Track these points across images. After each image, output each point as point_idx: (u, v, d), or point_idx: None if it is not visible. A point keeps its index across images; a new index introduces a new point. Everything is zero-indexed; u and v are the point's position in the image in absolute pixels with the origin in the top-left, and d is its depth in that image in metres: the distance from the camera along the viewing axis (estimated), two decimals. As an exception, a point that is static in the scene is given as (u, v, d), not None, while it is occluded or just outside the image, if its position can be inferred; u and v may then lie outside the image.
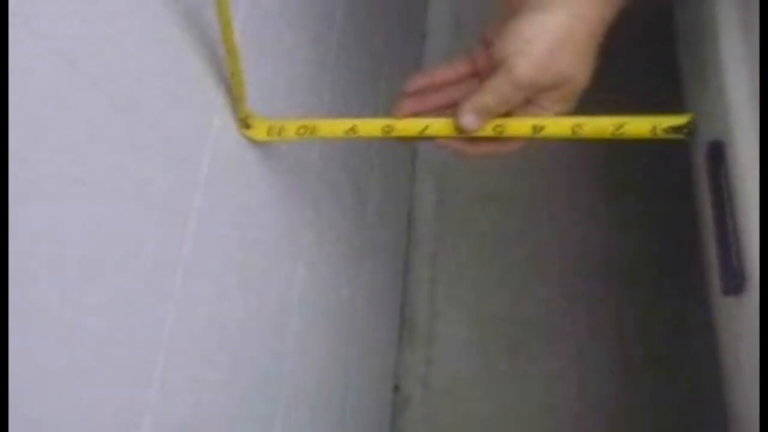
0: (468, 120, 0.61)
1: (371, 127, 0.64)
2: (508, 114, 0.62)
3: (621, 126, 0.59)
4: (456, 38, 1.55)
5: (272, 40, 0.71)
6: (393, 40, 1.27)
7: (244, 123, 0.63)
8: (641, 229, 1.34)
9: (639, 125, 0.59)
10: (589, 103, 0.62)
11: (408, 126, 0.63)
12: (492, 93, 0.60)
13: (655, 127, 0.59)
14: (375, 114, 1.09)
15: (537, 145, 0.64)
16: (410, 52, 1.49)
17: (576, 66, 0.59)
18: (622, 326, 1.29)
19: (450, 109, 0.64)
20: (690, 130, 0.59)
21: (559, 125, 0.61)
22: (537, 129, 0.61)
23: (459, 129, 0.62)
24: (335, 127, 0.64)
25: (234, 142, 0.63)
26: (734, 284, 0.61)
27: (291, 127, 0.64)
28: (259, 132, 0.64)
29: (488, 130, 0.62)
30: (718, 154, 0.67)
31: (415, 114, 0.64)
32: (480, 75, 0.65)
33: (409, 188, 1.46)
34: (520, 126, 0.61)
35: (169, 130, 0.52)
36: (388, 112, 0.65)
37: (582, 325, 1.31)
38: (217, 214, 0.59)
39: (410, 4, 1.51)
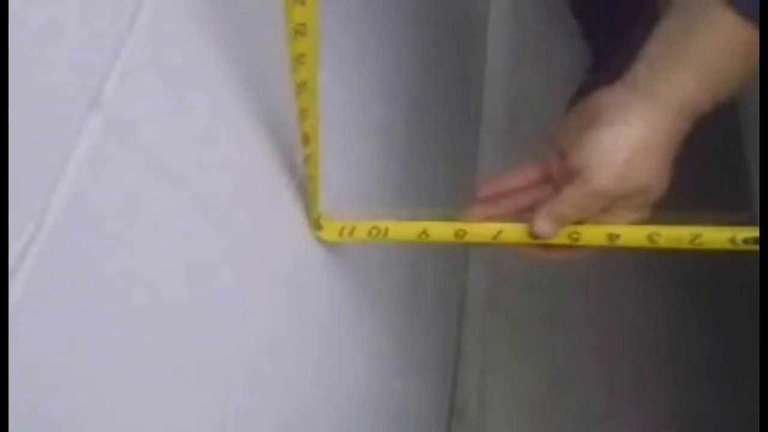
0: (543, 227, 0.61)
1: (443, 230, 0.63)
2: (582, 221, 0.61)
3: (698, 236, 0.59)
4: (510, 126, 1.57)
5: (343, 143, 0.72)
6: (449, 128, 1.28)
7: (317, 224, 0.64)
8: (704, 333, 1.31)
9: (717, 235, 0.59)
10: (664, 208, 0.61)
11: (481, 231, 0.63)
12: (569, 202, 0.60)
13: (734, 238, 0.58)
14: (432, 203, 1.10)
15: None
16: (466, 140, 1.50)
17: (653, 176, 0.59)
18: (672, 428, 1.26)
19: (520, 214, 0.64)
20: (769, 241, 0.58)
21: (634, 234, 0.60)
22: (612, 237, 0.60)
23: (533, 235, 0.62)
24: (407, 229, 0.64)
25: (301, 242, 0.63)
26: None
27: (362, 228, 0.64)
28: (330, 233, 0.65)
29: (563, 237, 0.61)
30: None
31: (487, 219, 0.64)
32: (552, 181, 0.65)
33: (462, 276, 1.46)
34: (595, 234, 0.61)
35: (248, 234, 0.53)
36: (446, 202, 0.65)
37: (633, 424, 1.28)
38: (279, 313, 0.59)
39: (466, 93, 1.53)
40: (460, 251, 1.47)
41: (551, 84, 1.54)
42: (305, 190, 0.61)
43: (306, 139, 0.54)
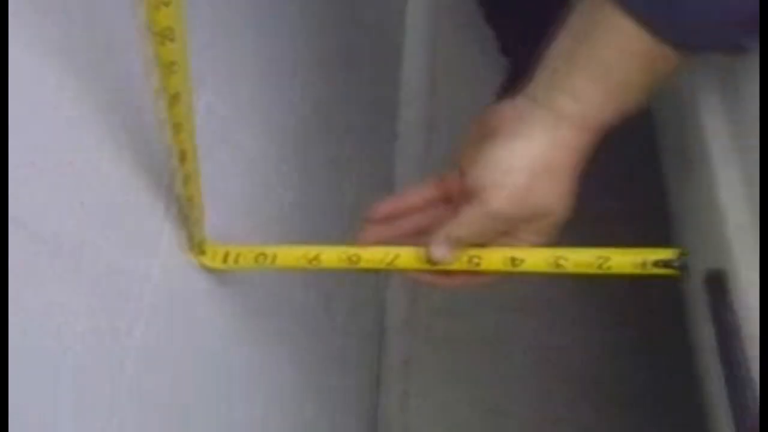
0: (440, 252, 0.56)
1: (336, 256, 0.58)
2: (483, 244, 0.57)
3: (606, 260, 0.55)
4: (428, 142, 1.52)
5: (228, 157, 0.66)
6: (359, 145, 1.23)
7: (199, 249, 0.58)
8: (635, 357, 1.28)
9: (625, 259, 0.55)
10: (573, 230, 0.57)
11: (375, 256, 0.58)
12: (466, 225, 0.55)
13: (644, 261, 0.54)
14: (342, 229, 1.04)
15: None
16: (379, 159, 1.46)
17: (554, 197, 0.55)
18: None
19: (419, 236, 0.60)
20: (682, 264, 0.54)
21: (538, 258, 0.56)
22: (516, 262, 0.56)
23: (430, 261, 0.57)
24: (297, 255, 0.59)
25: (181, 271, 0.58)
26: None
27: (248, 255, 0.59)
28: (214, 259, 0.59)
29: (463, 262, 0.57)
30: (718, 284, 0.61)
31: (382, 242, 0.59)
32: (452, 201, 0.61)
33: (380, 296, 1.41)
34: (496, 258, 0.57)
35: (111, 265, 0.47)
36: (354, 227, 0.60)
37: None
38: (160, 348, 0.53)
39: (380, 107, 1.48)
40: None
41: (471, 101, 1.50)
42: (184, 214, 0.56)
43: (182, 157, 0.49)
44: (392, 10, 1.60)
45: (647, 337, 1.28)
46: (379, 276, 1.38)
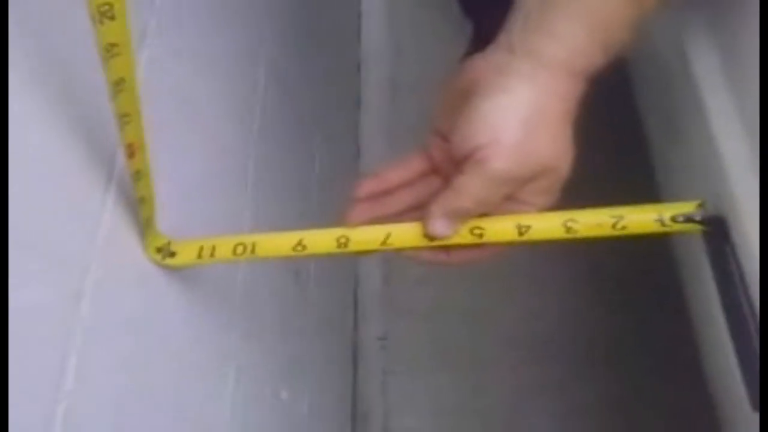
0: (439, 226, 0.51)
1: (323, 240, 0.53)
2: (485, 214, 0.52)
3: (620, 219, 0.50)
4: (392, 103, 1.47)
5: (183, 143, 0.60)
6: (325, 109, 1.18)
7: (167, 252, 0.52)
8: (610, 318, 1.25)
9: (641, 217, 0.50)
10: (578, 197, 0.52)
11: (366, 236, 0.53)
12: (465, 193, 0.49)
13: (661, 218, 0.50)
14: (309, 202, 0.99)
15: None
16: (345, 121, 1.40)
17: (556, 149, 0.50)
18: (596, 418, 1.19)
19: (411, 213, 0.54)
20: (704, 217, 0.50)
21: (547, 223, 0.51)
22: (522, 230, 0.51)
23: (429, 236, 0.52)
24: (279, 242, 0.53)
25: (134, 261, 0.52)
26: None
27: (225, 246, 0.53)
28: (187, 256, 0.53)
29: (465, 234, 0.52)
30: (719, 232, 0.57)
31: (371, 221, 0.54)
32: (440, 171, 0.56)
33: (354, 272, 1.36)
34: (502, 227, 0.51)
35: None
36: (322, 200, 0.55)
37: (549, 418, 1.22)
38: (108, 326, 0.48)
39: (342, 71, 1.42)
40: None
41: (433, 62, 1.45)
42: (138, 215, 0.50)
43: (131, 152, 0.43)
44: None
45: (621, 297, 1.25)
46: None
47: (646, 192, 0.73)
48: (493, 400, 1.25)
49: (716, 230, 0.54)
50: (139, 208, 0.49)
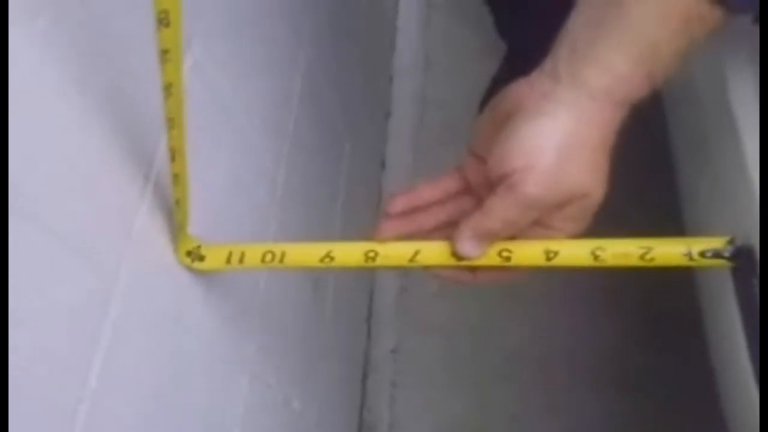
0: (468, 247, 0.51)
1: (351, 253, 0.53)
2: (514, 237, 0.52)
3: (649, 250, 0.50)
4: (421, 118, 1.47)
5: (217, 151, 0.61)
6: (355, 120, 1.18)
7: (196, 255, 0.53)
8: (628, 336, 1.25)
9: (669, 250, 0.50)
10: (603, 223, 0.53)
11: (395, 252, 0.53)
12: (495, 216, 0.50)
13: (689, 252, 0.50)
14: (333, 212, 0.99)
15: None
16: (374, 132, 1.41)
17: (589, 177, 0.50)
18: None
19: (440, 231, 0.55)
20: (733, 253, 0.50)
21: (575, 250, 0.51)
22: (550, 255, 0.51)
23: (457, 256, 0.52)
24: (308, 253, 0.54)
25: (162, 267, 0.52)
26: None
27: (254, 253, 0.54)
28: (215, 261, 0.54)
29: (492, 257, 0.52)
30: (746, 261, 0.57)
31: (401, 237, 0.54)
32: (473, 192, 0.56)
33: (369, 283, 1.36)
34: (529, 251, 0.52)
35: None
36: (347, 211, 0.55)
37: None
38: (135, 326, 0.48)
39: (374, 84, 1.43)
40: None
41: (464, 77, 1.46)
42: (172, 218, 0.50)
43: (172, 155, 0.44)
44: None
45: (640, 322, 1.25)
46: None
47: (673, 219, 0.73)
48: (499, 417, 1.25)
49: (744, 264, 0.54)
50: (174, 210, 0.50)
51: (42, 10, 0.37)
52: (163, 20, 0.35)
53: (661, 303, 1.16)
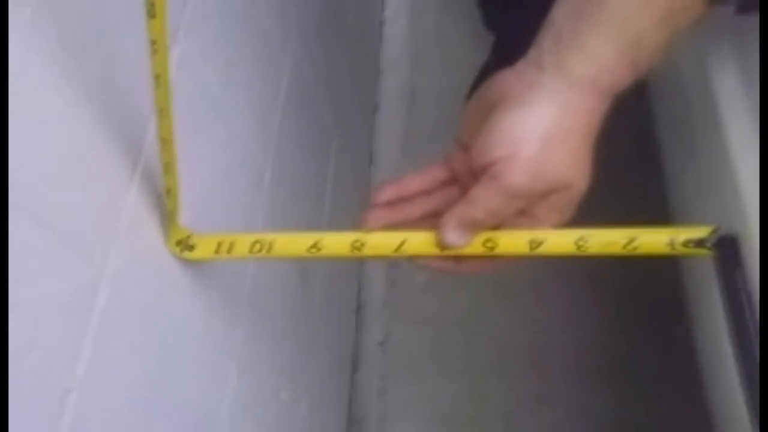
0: (453, 236, 0.52)
1: (338, 243, 0.54)
2: (498, 226, 0.53)
3: (632, 239, 0.51)
4: (409, 111, 1.47)
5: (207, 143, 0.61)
6: (344, 113, 1.18)
7: (186, 245, 0.53)
8: (617, 325, 1.25)
9: (653, 238, 0.51)
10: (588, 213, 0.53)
11: (382, 241, 0.54)
12: (479, 205, 0.50)
13: (672, 241, 0.51)
14: (321, 205, 1.00)
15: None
16: (362, 126, 1.41)
17: (573, 167, 0.50)
18: (594, 429, 1.20)
19: (427, 221, 0.55)
20: (715, 243, 0.50)
21: (559, 239, 0.52)
22: (534, 244, 0.52)
23: (442, 245, 0.53)
24: (295, 242, 0.54)
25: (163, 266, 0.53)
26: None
27: (243, 243, 0.54)
28: (205, 250, 0.54)
29: (477, 246, 0.52)
30: (729, 250, 0.57)
31: (387, 227, 0.55)
32: (459, 181, 0.57)
33: (358, 275, 1.36)
34: (514, 241, 0.52)
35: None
36: (334, 203, 0.56)
37: (547, 428, 1.22)
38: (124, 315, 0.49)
39: (362, 77, 1.43)
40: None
41: (452, 70, 1.46)
42: (162, 207, 0.51)
43: (162, 145, 0.44)
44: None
45: (629, 312, 1.26)
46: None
47: (658, 208, 0.74)
48: (490, 408, 1.25)
49: (727, 253, 0.54)
50: (164, 200, 0.50)
51: None
52: (149, 11, 0.35)
53: (649, 292, 1.16)
